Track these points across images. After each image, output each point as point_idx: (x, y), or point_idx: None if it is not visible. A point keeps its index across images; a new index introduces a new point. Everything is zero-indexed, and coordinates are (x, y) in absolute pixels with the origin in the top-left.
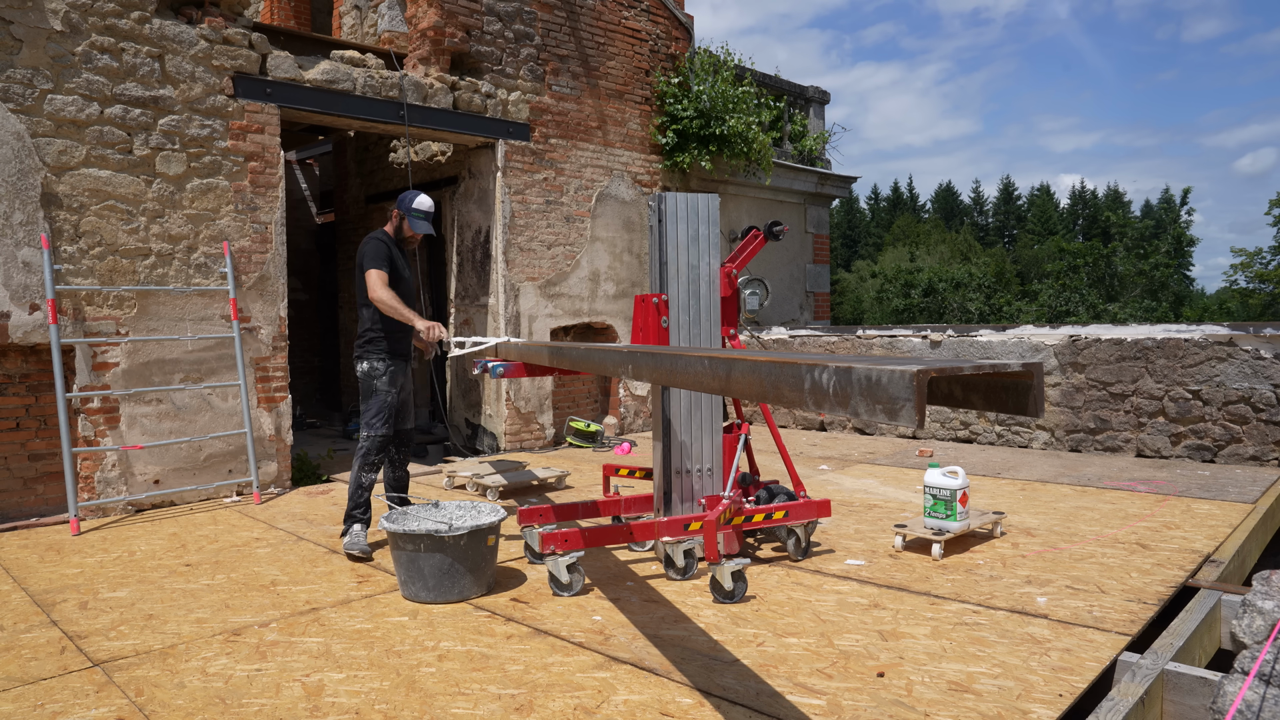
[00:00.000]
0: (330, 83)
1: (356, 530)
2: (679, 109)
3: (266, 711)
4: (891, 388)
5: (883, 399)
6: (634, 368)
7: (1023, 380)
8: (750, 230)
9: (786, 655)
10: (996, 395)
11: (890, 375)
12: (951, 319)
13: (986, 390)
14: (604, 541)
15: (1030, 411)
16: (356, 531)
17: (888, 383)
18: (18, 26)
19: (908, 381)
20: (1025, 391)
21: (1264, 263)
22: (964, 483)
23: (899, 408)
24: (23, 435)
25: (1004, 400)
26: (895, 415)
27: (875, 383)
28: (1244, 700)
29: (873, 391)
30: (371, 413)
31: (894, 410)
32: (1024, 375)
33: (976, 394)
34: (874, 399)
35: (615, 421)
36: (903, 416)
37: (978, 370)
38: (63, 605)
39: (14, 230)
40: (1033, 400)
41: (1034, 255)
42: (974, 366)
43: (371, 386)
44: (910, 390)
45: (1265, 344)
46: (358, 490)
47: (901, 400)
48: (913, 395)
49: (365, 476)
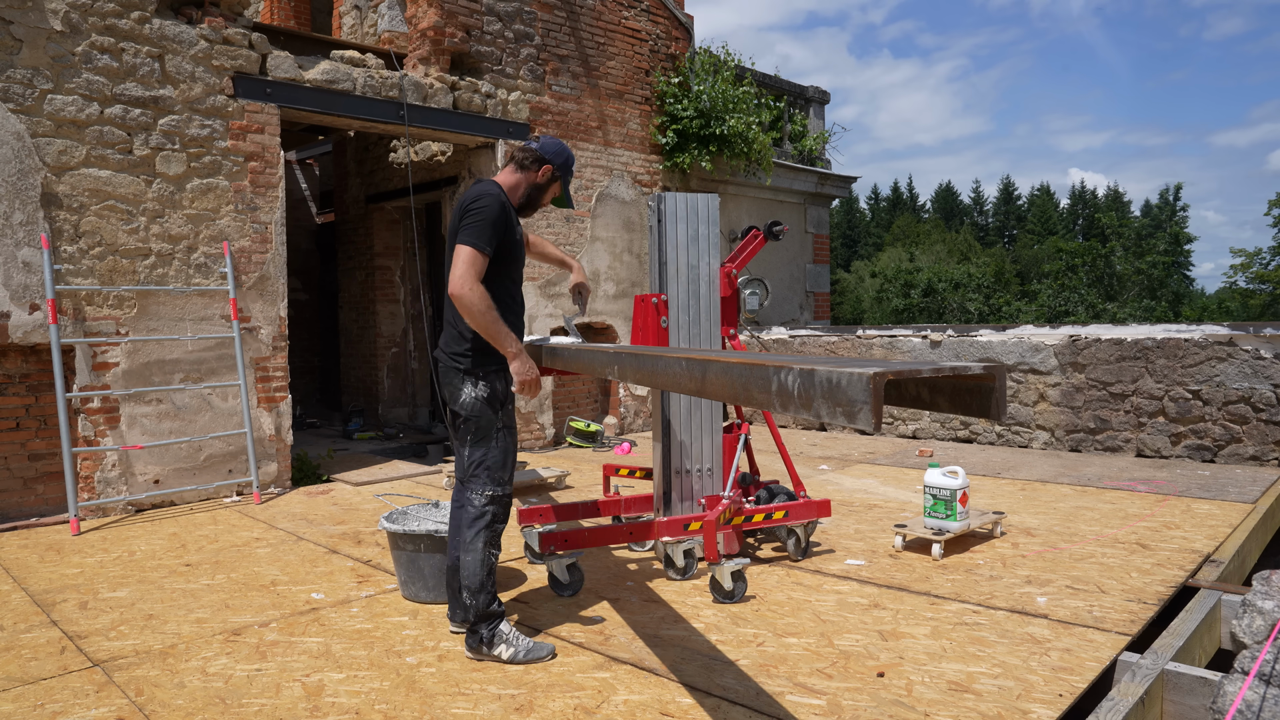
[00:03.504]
0: (330, 83)
1: (513, 632)
2: (679, 109)
3: (266, 711)
4: (850, 390)
5: (842, 401)
6: (619, 368)
7: (984, 383)
8: (750, 230)
9: (786, 655)
10: (960, 397)
11: (849, 378)
12: (951, 319)
13: (951, 392)
14: (604, 541)
15: (992, 415)
16: (514, 635)
17: (846, 385)
18: (18, 26)
19: (864, 384)
20: (988, 394)
21: (1264, 263)
22: (964, 483)
23: (857, 410)
24: (23, 435)
25: (968, 403)
26: (854, 417)
27: (835, 385)
28: (1244, 700)
29: (833, 394)
30: (494, 458)
31: (852, 412)
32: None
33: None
34: (834, 401)
35: (615, 421)
36: (860, 419)
37: (938, 372)
38: (63, 605)
39: (14, 230)
40: (995, 403)
41: (1033, 255)
42: (934, 368)
43: (489, 419)
44: (867, 393)
45: (1265, 344)
46: (487, 577)
47: (859, 403)
48: (869, 398)
49: (492, 555)
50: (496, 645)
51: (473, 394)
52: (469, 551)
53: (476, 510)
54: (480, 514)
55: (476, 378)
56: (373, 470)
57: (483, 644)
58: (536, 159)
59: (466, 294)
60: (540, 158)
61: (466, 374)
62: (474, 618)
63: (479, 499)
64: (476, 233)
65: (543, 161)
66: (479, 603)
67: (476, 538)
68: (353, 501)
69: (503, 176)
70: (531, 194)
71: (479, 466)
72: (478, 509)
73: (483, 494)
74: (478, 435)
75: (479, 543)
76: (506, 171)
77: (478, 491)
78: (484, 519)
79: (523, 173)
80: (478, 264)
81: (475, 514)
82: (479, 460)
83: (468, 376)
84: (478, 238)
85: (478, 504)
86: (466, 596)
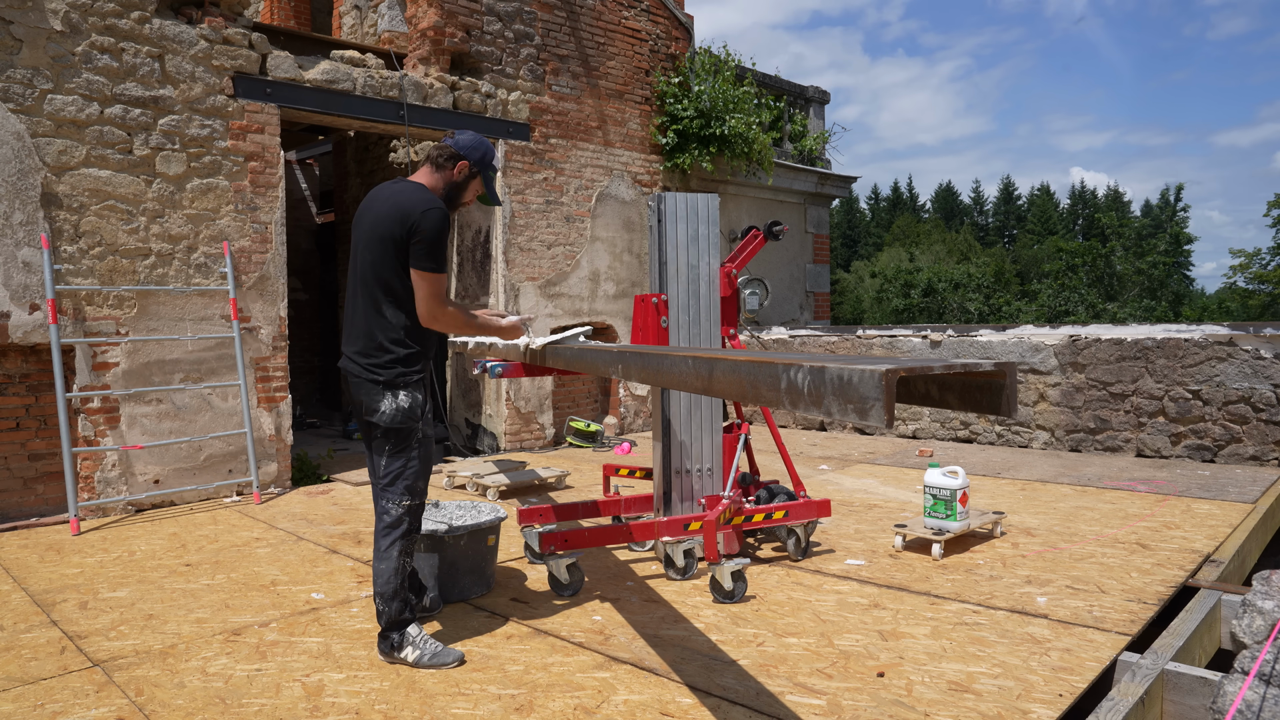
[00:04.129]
0: (330, 83)
1: (421, 636)
2: (679, 109)
3: (266, 711)
4: (862, 387)
5: (853, 398)
6: (623, 367)
7: (995, 380)
8: (750, 230)
9: (786, 655)
10: (971, 395)
11: (861, 375)
12: (951, 319)
13: (961, 390)
14: (604, 541)
15: (1003, 411)
16: (423, 638)
17: (858, 382)
18: (18, 26)
19: (877, 381)
20: (998, 391)
21: (1263, 263)
22: (964, 483)
23: (869, 407)
24: (23, 435)
25: (978, 400)
26: (865, 414)
27: (846, 382)
28: (1244, 700)
29: (844, 391)
30: (412, 469)
31: (864, 409)
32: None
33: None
34: (845, 398)
35: (615, 421)
36: (872, 416)
37: (949, 369)
38: (63, 605)
39: (14, 230)
40: (1005, 400)
41: (1033, 255)
42: (944, 365)
43: (410, 429)
44: (880, 390)
45: (1265, 344)
46: (401, 585)
47: (871, 400)
48: (882, 395)
49: (406, 562)
50: (404, 648)
51: (393, 405)
52: (384, 559)
53: (392, 518)
54: (396, 521)
55: (396, 389)
56: None
57: (393, 649)
58: (451, 156)
59: (442, 318)
60: (454, 154)
61: (386, 386)
62: (385, 624)
63: (395, 508)
64: (431, 254)
65: (457, 158)
66: (391, 610)
67: (392, 547)
68: (353, 501)
69: (422, 176)
70: (449, 194)
71: (397, 478)
72: (394, 517)
73: (399, 503)
74: (396, 446)
75: (394, 551)
76: (424, 172)
77: (394, 501)
78: (400, 528)
79: (439, 172)
80: (440, 287)
81: (390, 521)
82: (397, 472)
83: (387, 389)
84: (434, 260)
85: (394, 513)
86: (379, 603)
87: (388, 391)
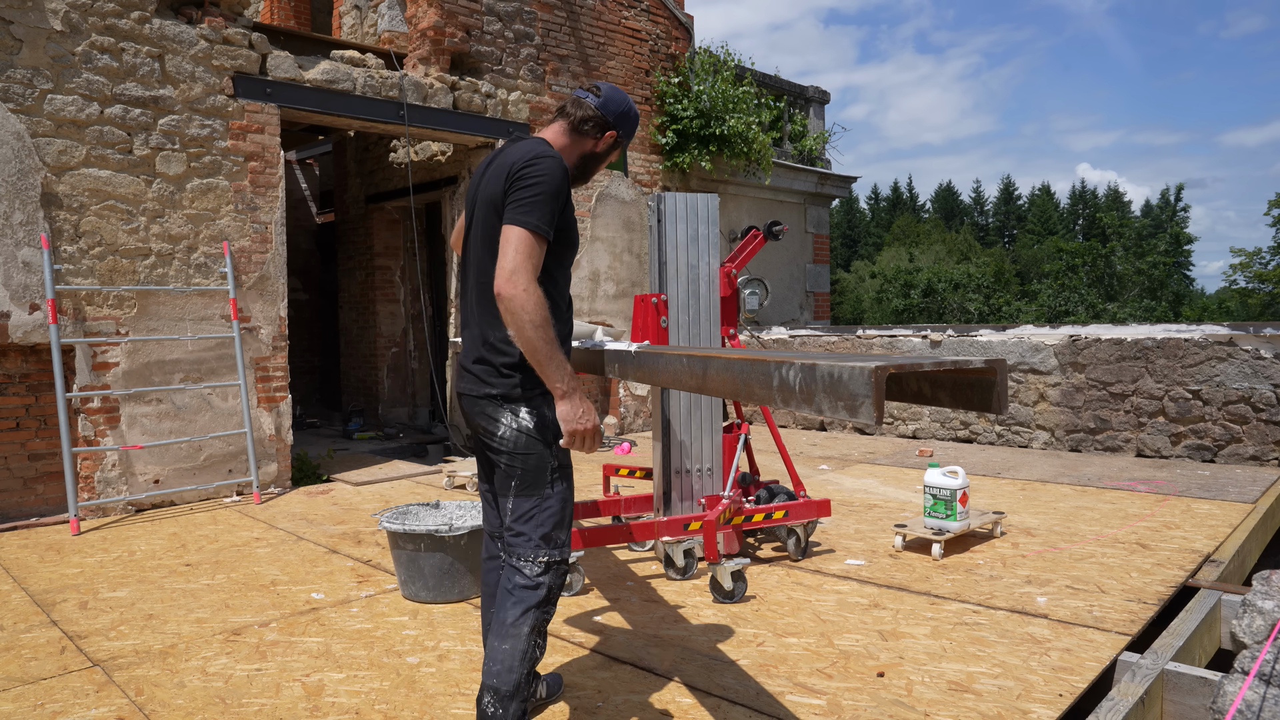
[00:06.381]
0: (330, 83)
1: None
2: (679, 109)
3: (266, 711)
4: (852, 384)
5: (844, 395)
6: (620, 366)
7: (986, 377)
8: (750, 230)
9: (786, 655)
10: (962, 392)
11: (850, 372)
12: (951, 319)
13: (952, 387)
14: (604, 541)
15: (994, 409)
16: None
17: (848, 379)
18: (18, 26)
19: (866, 378)
20: (989, 388)
21: (1263, 263)
22: (964, 483)
23: (859, 404)
24: (23, 435)
25: (970, 397)
26: (855, 411)
27: (837, 379)
28: (1244, 700)
29: (834, 388)
30: (551, 513)
31: (854, 406)
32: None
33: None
34: (835, 395)
35: (615, 421)
36: (862, 413)
37: (939, 366)
38: (63, 605)
39: (14, 230)
40: (996, 397)
41: (1033, 255)
42: (935, 363)
43: (541, 459)
44: (869, 387)
45: (1265, 344)
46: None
47: (861, 396)
48: (871, 391)
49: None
50: None
51: (515, 425)
52: (508, 638)
53: (528, 580)
54: (532, 586)
55: (520, 403)
56: (373, 470)
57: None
58: (598, 123)
59: (520, 296)
60: (604, 121)
61: (506, 400)
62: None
63: (530, 567)
64: (535, 208)
65: (604, 125)
66: (509, 714)
67: (522, 620)
68: (353, 501)
69: (551, 135)
70: (583, 165)
71: (528, 522)
72: (529, 579)
73: (535, 560)
74: (525, 481)
75: (524, 627)
76: (556, 130)
77: (527, 558)
78: (537, 594)
79: (576, 136)
80: (536, 254)
81: (525, 585)
82: (527, 514)
83: (507, 403)
84: (537, 216)
85: (529, 574)
86: (492, 705)
87: (507, 406)
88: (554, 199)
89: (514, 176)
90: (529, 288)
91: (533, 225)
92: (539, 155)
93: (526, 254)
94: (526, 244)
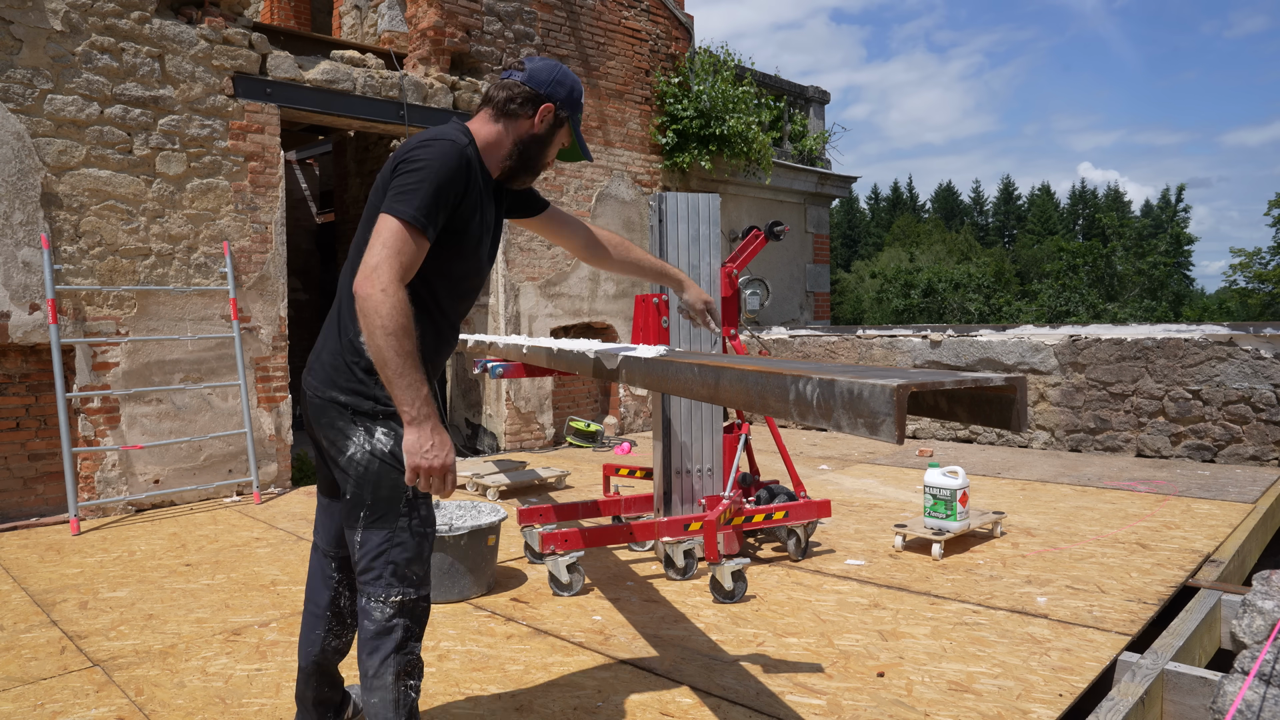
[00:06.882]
0: (330, 83)
1: None
2: (679, 109)
3: (266, 711)
4: (873, 402)
5: (864, 413)
6: (627, 373)
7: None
8: (751, 230)
9: (786, 655)
10: (980, 408)
11: (872, 389)
12: (951, 319)
13: (970, 403)
14: (604, 541)
15: (1013, 427)
16: None
17: (869, 397)
18: (18, 26)
19: (888, 397)
20: (1008, 406)
21: (1263, 263)
22: (964, 483)
23: (879, 422)
24: (23, 435)
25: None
26: (876, 430)
27: (857, 396)
28: (1244, 700)
29: (854, 405)
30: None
31: (874, 424)
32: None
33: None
34: (855, 412)
35: (615, 421)
36: (883, 431)
37: (959, 384)
38: (63, 605)
39: (14, 230)
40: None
41: (1033, 255)
42: (955, 380)
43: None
44: (890, 405)
45: (1265, 344)
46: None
47: (882, 415)
48: (893, 410)
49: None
50: None
51: (369, 447)
52: (374, 690)
53: (378, 625)
54: (384, 629)
55: (375, 421)
56: None
57: None
58: (527, 97)
59: (376, 296)
60: (532, 94)
61: (356, 413)
62: None
63: (380, 609)
64: (412, 195)
65: (537, 100)
66: None
67: (384, 667)
68: None
69: (475, 125)
70: (526, 151)
71: (378, 558)
72: (379, 624)
73: (387, 600)
74: (376, 512)
75: (388, 674)
76: (480, 119)
77: (378, 597)
78: (391, 639)
79: (507, 121)
80: (408, 250)
81: (377, 630)
82: (377, 550)
83: (359, 419)
84: (414, 204)
85: (379, 617)
86: None
87: (360, 423)
88: (438, 189)
89: (399, 160)
90: (389, 288)
91: (407, 215)
92: (432, 139)
93: (395, 250)
94: (396, 237)
